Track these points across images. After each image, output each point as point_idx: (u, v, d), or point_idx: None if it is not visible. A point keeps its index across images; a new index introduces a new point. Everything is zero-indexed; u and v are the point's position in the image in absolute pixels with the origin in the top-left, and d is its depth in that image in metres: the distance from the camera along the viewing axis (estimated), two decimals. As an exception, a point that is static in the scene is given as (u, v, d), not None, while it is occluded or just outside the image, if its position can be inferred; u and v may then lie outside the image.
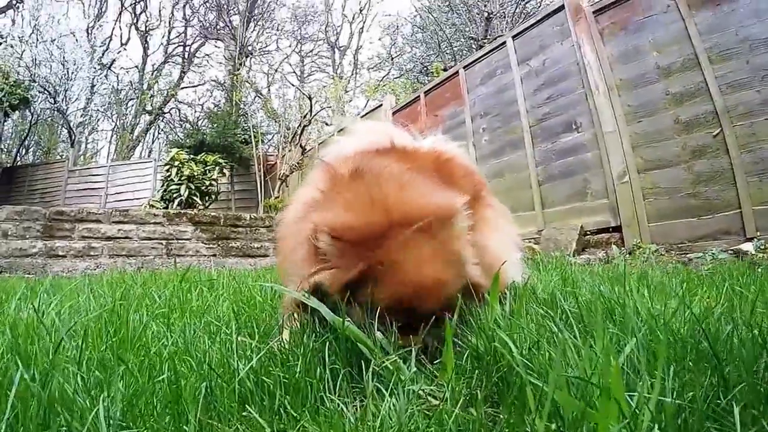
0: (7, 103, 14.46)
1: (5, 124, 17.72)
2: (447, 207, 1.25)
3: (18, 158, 19.86)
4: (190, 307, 1.78)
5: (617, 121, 4.85)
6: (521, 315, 1.24)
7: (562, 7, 5.52)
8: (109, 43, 24.24)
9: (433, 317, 1.17)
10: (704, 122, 4.18)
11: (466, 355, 1.06)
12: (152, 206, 10.77)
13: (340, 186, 1.33)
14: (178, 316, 1.65)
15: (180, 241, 7.70)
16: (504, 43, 6.51)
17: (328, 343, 1.05)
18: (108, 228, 7.12)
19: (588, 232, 5.08)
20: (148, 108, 24.98)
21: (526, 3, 15.90)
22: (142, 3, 26.21)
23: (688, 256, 3.96)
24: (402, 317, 1.16)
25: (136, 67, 26.39)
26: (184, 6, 26.42)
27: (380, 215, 1.20)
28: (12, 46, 17.95)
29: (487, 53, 6.85)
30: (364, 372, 0.96)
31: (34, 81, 17.83)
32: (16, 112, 16.97)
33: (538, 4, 15.49)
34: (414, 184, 1.32)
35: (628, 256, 4.29)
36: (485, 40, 14.03)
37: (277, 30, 27.41)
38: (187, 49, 27.01)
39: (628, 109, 4.79)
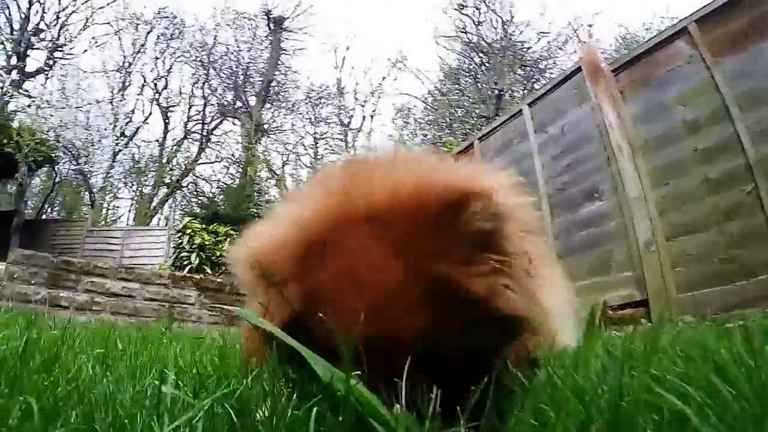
0: (32, 159, 15.12)
1: (32, 180, 18.42)
2: (462, 187, 0.86)
3: (42, 213, 20.55)
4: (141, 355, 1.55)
5: (642, 185, 4.63)
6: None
7: (579, 69, 5.45)
8: (131, 116, 25.56)
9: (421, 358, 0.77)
10: (736, 178, 3.94)
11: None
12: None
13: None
14: (127, 360, 1.44)
15: (183, 306, 7.52)
16: (520, 111, 6.41)
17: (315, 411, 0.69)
18: (113, 284, 6.98)
19: (611, 308, 4.74)
20: (167, 180, 25.84)
21: (535, 82, 16.55)
22: (163, 80, 28.09)
23: (726, 326, 3.66)
24: (374, 362, 0.77)
25: (157, 140, 27.89)
26: (203, 85, 28.10)
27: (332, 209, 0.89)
28: (39, 107, 18.96)
29: (503, 123, 6.77)
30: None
31: (59, 142, 18.69)
32: (42, 169, 17.68)
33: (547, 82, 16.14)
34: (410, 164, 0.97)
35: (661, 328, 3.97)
36: (497, 117, 14.48)
37: (292, 111, 28.74)
38: (206, 126, 28.37)
39: (654, 171, 4.59)
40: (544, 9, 20.91)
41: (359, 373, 0.73)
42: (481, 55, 19.75)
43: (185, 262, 10.90)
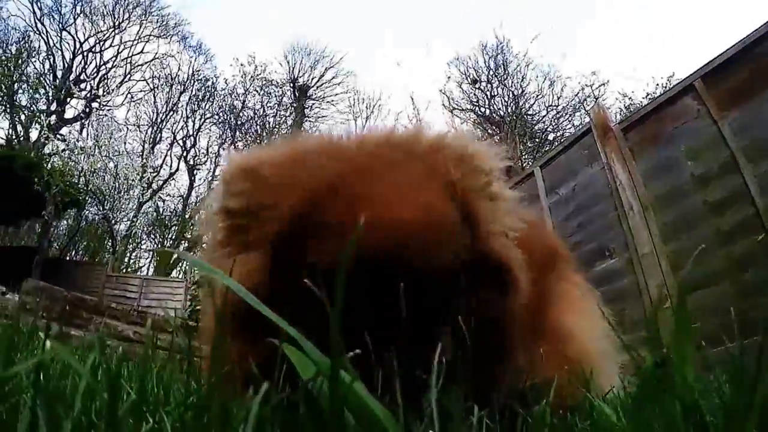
0: (59, 199, 15.67)
1: (59, 222, 18.96)
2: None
3: (66, 255, 21.24)
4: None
5: (653, 241, 4.60)
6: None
7: (589, 131, 5.53)
8: (159, 170, 26.63)
9: (429, 289, 0.68)
10: (748, 227, 3.90)
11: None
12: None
13: None
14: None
15: (195, 359, 7.41)
16: (532, 173, 6.52)
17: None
18: (125, 327, 6.95)
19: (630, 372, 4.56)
20: (188, 236, 26.31)
21: (545, 152, 16.87)
22: (192, 139, 29.48)
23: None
24: (369, 297, 0.66)
25: (181, 196, 28.61)
26: (230, 146, 29.24)
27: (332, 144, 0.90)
28: (72, 151, 19.92)
29: (515, 185, 6.72)
30: None
31: (87, 186, 19.42)
32: (69, 212, 18.23)
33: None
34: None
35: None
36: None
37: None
38: None
39: (665, 227, 4.58)
40: (552, 82, 21.55)
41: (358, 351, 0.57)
42: (493, 126, 20.51)
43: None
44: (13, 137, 22.77)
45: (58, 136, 21.51)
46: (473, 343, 0.71)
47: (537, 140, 21.14)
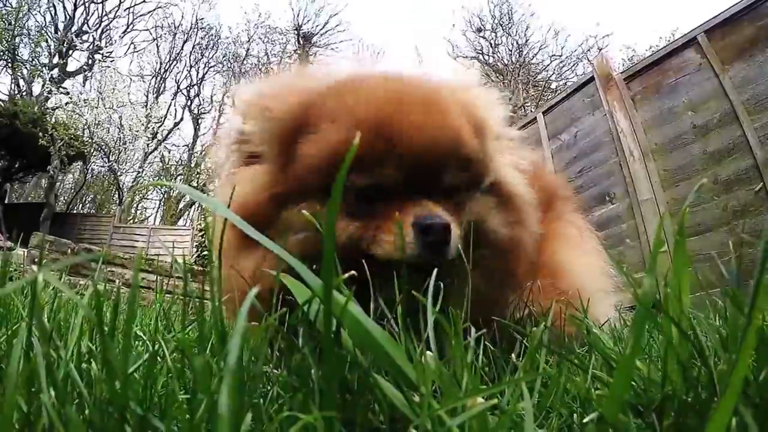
0: (65, 153, 15.60)
1: (65, 176, 18.96)
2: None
3: (73, 208, 21.22)
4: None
5: (653, 188, 4.67)
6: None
7: (591, 79, 5.56)
8: (164, 120, 26.30)
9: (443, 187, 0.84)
10: (745, 179, 3.99)
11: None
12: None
13: None
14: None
15: (204, 302, 7.59)
16: (534, 119, 6.52)
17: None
18: (133, 274, 7.12)
19: (624, 309, 4.69)
20: (194, 184, 26.34)
21: (547, 100, 16.70)
22: (196, 87, 29.20)
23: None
24: (376, 177, 0.80)
25: (186, 145, 28.53)
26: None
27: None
28: (76, 104, 19.72)
29: (517, 130, 6.92)
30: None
31: (92, 139, 19.39)
32: (75, 165, 18.20)
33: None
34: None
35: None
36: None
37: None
38: None
39: (665, 174, 4.64)
40: (556, 33, 21.08)
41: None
42: (497, 74, 20.17)
43: (206, 260, 11.11)
44: (16, 92, 22.46)
45: (61, 89, 21.11)
46: (481, 266, 0.80)
47: (540, 89, 20.86)
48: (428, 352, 0.51)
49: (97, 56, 25.00)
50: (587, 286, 1.09)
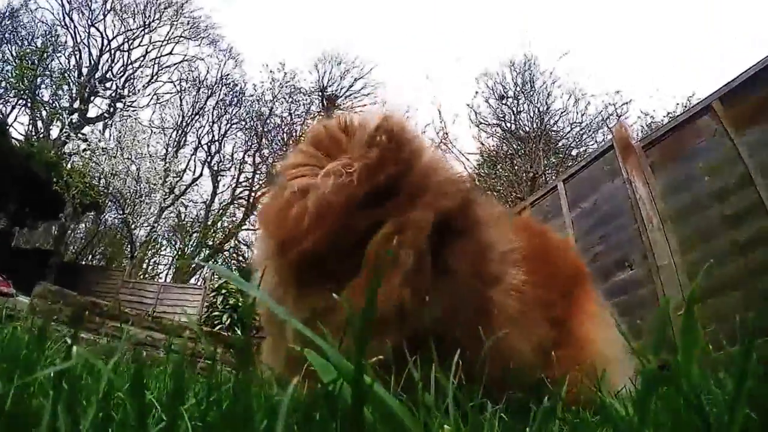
0: (78, 201, 15.39)
1: (77, 225, 18.84)
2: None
3: (82, 259, 21.01)
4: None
5: (672, 253, 4.69)
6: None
7: (611, 147, 5.69)
8: (182, 175, 26.28)
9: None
10: (762, 240, 4.01)
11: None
12: (190, 329, 10.97)
13: None
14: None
15: (208, 362, 7.37)
16: (555, 187, 6.65)
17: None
18: (137, 332, 6.94)
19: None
20: (209, 242, 26.12)
21: (568, 167, 16.73)
22: (217, 144, 29.40)
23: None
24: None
25: (204, 202, 28.45)
26: (255, 153, 29.07)
27: None
28: (93, 152, 19.63)
29: (538, 199, 7.01)
30: None
31: (108, 189, 19.14)
32: (87, 215, 18.07)
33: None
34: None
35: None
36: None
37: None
38: (253, 193, 28.60)
39: (683, 239, 4.67)
40: (576, 100, 21.51)
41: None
42: (518, 142, 20.49)
43: (216, 322, 10.90)
44: (33, 133, 22.14)
45: (79, 135, 21.07)
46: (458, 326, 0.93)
47: (561, 156, 21.03)
48: (446, 426, 0.59)
49: (119, 104, 25.15)
50: (607, 355, 1.22)
